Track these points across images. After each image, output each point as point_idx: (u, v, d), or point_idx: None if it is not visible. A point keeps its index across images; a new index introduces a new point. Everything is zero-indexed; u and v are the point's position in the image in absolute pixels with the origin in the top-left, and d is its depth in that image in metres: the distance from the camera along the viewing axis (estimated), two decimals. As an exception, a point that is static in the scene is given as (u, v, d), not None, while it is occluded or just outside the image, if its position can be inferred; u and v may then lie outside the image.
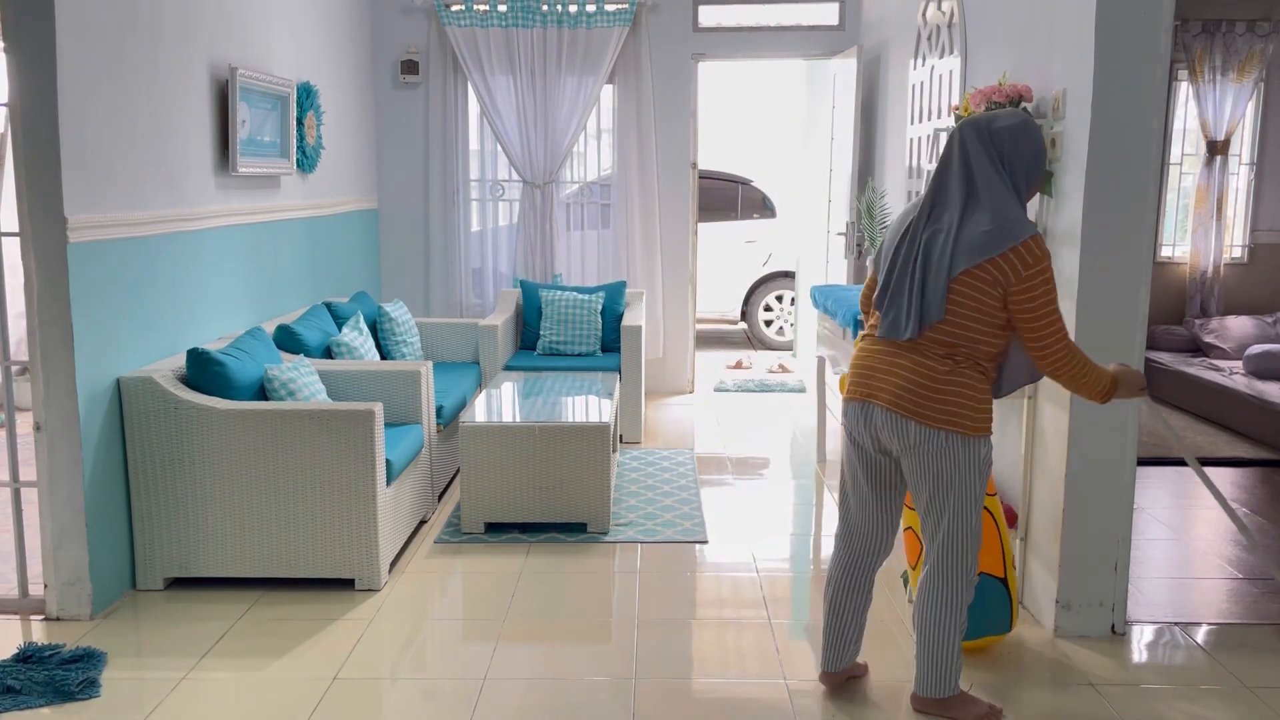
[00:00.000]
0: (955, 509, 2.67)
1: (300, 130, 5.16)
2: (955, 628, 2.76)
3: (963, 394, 2.60)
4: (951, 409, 2.60)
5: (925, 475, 2.67)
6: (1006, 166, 2.60)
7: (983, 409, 2.64)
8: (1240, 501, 4.76)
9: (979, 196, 2.58)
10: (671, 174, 6.78)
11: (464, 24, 6.50)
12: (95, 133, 3.41)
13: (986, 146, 2.60)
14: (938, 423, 2.60)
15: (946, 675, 2.77)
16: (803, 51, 6.85)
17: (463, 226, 6.84)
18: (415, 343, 5.43)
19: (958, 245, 2.55)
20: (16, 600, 3.52)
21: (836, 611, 2.93)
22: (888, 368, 2.67)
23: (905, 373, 2.63)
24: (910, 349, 2.64)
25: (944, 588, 2.74)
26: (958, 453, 2.62)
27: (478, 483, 4.24)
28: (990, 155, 2.60)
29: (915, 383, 2.61)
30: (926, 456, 2.64)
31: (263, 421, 3.57)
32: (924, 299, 2.59)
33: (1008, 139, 2.60)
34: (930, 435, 2.61)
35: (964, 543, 2.71)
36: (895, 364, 2.66)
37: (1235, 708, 2.92)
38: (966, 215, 2.57)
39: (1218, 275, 7.09)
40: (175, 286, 3.94)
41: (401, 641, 3.34)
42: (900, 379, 2.63)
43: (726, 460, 5.44)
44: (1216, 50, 6.87)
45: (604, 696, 2.98)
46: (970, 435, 2.62)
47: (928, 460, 2.64)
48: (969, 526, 2.70)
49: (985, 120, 2.64)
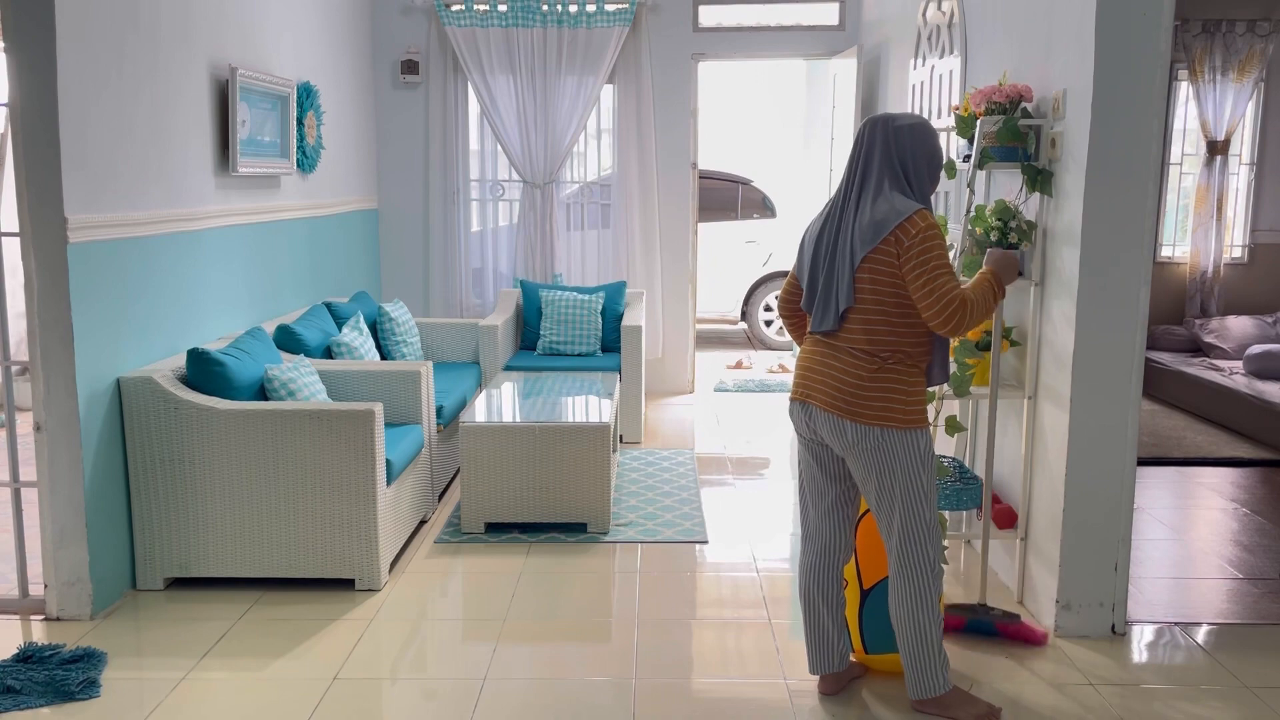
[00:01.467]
0: (904, 503, 2.72)
1: (300, 130, 5.16)
2: (931, 623, 2.77)
3: (893, 390, 2.68)
4: (882, 405, 2.67)
5: (869, 472, 2.73)
6: (905, 163, 2.71)
7: (914, 402, 2.71)
8: (1240, 502, 4.76)
9: (882, 188, 2.68)
10: (671, 174, 6.78)
11: (464, 24, 6.50)
12: (95, 133, 3.41)
13: (889, 143, 2.70)
14: (871, 420, 2.67)
15: (933, 672, 2.78)
16: (803, 51, 6.85)
17: (463, 226, 6.84)
18: (415, 343, 5.43)
19: (855, 234, 2.67)
20: (16, 600, 3.52)
21: (812, 613, 2.96)
22: (823, 369, 2.76)
23: (838, 374, 2.72)
24: (842, 350, 2.72)
25: (909, 584, 2.76)
26: (894, 447, 2.68)
27: (478, 483, 4.24)
28: (890, 151, 2.70)
29: (846, 383, 2.70)
30: (866, 454, 2.71)
31: (263, 421, 3.57)
32: (835, 289, 2.70)
33: (908, 137, 2.71)
34: (866, 432, 2.68)
35: (920, 536, 2.74)
36: (829, 365, 2.75)
37: (1235, 708, 2.92)
38: (863, 206, 2.69)
39: (1218, 275, 7.09)
40: (175, 286, 3.94)
41: (401, 641, 3.34)
42: (834, 380, 2.72)
43: (726, 460, 5.44)
44: (1216, 50, 6.87)
45: (604, 696, 2.98)
46: (905, 429, 2.68)
47: (868, 457, 2.71)
48: (922, 519, 2.74)
49: (888, 119, 2.74)
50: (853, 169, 2.75)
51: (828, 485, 2.89)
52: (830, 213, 2.76)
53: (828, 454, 2.85)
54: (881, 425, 2.66)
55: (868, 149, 2.72)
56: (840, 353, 2.72)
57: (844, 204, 2.73)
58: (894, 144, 2.70)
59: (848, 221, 2.69)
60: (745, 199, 9.26)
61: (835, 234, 2.72)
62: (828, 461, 2.87)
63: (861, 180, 2.71)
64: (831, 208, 2.77)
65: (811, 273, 2.77)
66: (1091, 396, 3.23)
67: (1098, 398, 3.23)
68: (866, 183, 2.70)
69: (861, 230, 2.65)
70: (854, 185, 2.73)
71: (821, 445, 2.84)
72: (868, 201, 2.68)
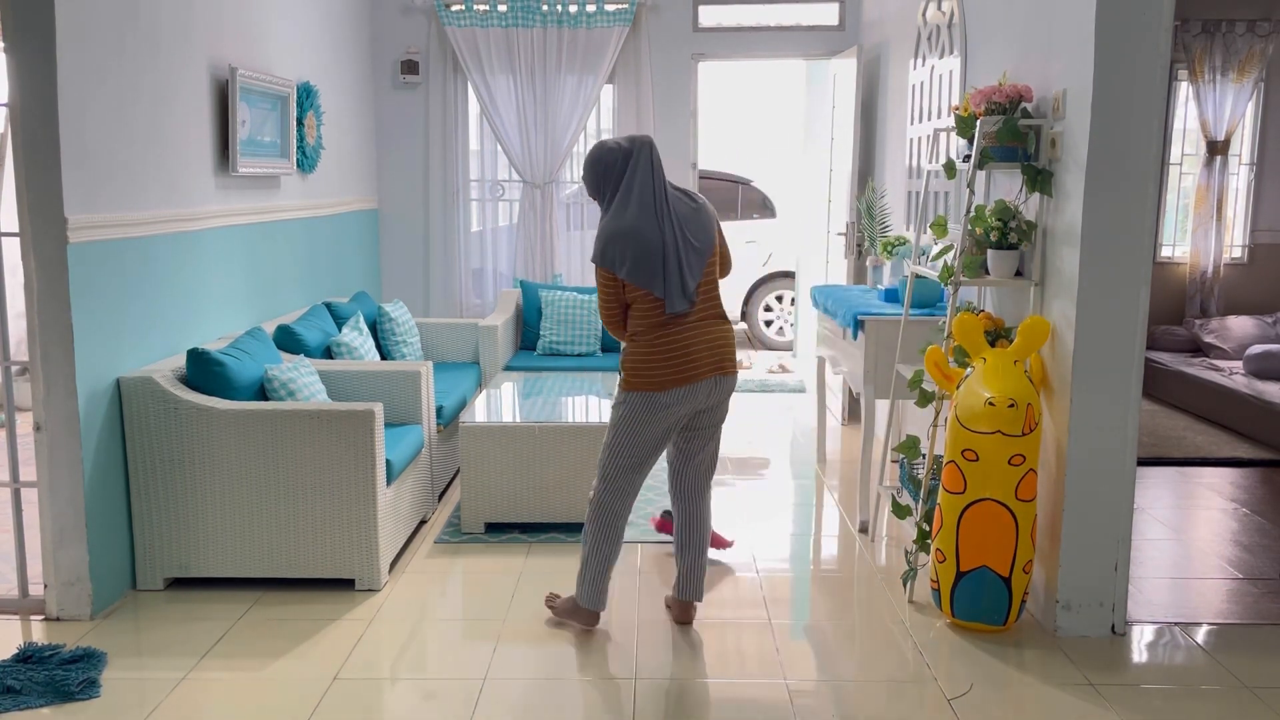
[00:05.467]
0: (719, 436, 3.43)
1: (300, 130, 5.16)
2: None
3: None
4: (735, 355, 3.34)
5: (722, 416, 3.38)
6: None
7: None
8: (1240, 502, 4.76)
9: (674, 192, 3.25)
10: (671, 174, 6.75)
11: (464, 24, 6.50)
12: (95, 133, 3.41)
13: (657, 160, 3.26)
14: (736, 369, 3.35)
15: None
16: (803, 51, 6.85)
17: (463, 226, 6.84)
18: (415, 343, 5.43)
19: (696, 227, 3.20)
20: (16, 600, 3.52)
21: (616, 557, 3.38)
22: (717, 341, 3.25)
23: (726, 338, 3.28)
24: (715, 318, 3.26)
25: (709, 505, 3.45)
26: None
27: (478, 483, 4.24)
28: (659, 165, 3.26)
29: (730, 344, 3.30)
30: (728, 399, 3.36)
31: (263, 421, 3.57)
32: (687, 276, 3.16)
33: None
34: (734, 382, 3.34)
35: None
36: (714, 334, 3.25)
37: (1235, 708, 2.92)
38: (678, 208, 3.21)
39: (1218, 275, 7.09)
40: (175, 286, 3.94)
41: (401, 641, 3.34)
42: (727, 345, 3.28)
43: (726, 460, 5.44)
44: (1216, 50, 6.87)
45: (604, 696, 2.98)
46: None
47: (727, 403, 3.37)
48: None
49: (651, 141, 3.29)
50: (650, 181, 3.19)
51: (657, 453, 3.32)
52: (660, 223, 3.15)
53: (682, 421, 3.28)
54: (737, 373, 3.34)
55: (658, 164, 3.23)
56: (715, 320, 3.25)
57: (666, 213, 3.17)
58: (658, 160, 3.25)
59: (678, 222, 3.18)
60: (745, 199, 9.26)
61: (674, 238, 3.15)
62: (678, 426, 3.30)
63: (663, 188, 3.20)
64: (659, 220, 3.15)
65: (666, 268, 3.13)
66: (1091, 396, 3.23)
67: (1098, 398, 3.23)
68: (666, 189, 3.21)
69: (698, 224, 3.21)
70: (662, 192, 3.19)
71: (690, 414, 3.26)
72: (680, 203, 3.22)
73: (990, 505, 3.22)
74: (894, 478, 4.46)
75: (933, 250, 3.86)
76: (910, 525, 3.74)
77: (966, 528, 3.26)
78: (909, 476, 3.96)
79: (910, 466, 3.97)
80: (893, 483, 4.28)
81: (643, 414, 3.20)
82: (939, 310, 4.21)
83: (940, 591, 3.39)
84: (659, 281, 3.13)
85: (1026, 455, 3.21)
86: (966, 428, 3.25)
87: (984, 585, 3.27)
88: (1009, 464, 3.20)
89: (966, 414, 3.25)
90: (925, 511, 3.57)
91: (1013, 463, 3.20)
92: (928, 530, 3.54)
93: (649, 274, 3.12)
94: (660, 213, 3.16)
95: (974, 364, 3.35)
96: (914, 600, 3.59)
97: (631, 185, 3.18)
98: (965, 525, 3.27)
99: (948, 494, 3.32)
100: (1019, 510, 3.22)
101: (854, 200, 6.04)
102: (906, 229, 5.21)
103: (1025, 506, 3.23)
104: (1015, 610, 3.30)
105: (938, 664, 3.16)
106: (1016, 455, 3.19)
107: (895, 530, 4.30)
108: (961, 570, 3.30)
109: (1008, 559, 3.23)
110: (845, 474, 5.14)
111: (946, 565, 3.34)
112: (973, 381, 3.29)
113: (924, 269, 3.93)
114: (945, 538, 3.33)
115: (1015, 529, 3.22)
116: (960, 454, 3.27)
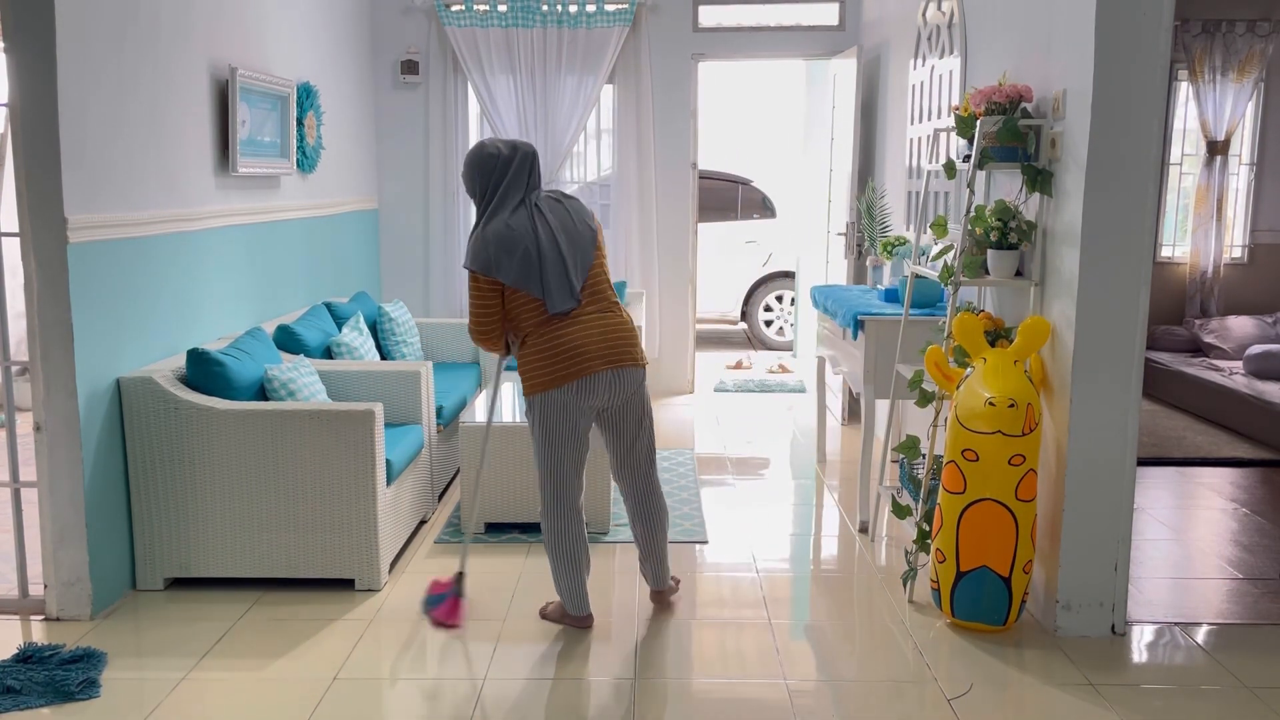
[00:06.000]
0: (650, 426, 3.40)
1: (300, 130, 5.16)
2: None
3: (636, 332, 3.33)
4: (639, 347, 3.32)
5: (640, 409, 3.35)
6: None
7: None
8: (1240, 502, 4.76)
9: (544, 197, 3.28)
10: (671, 174, 6.78)
11: (464, 24, 6.50)
12: (95, 133, 3.41)
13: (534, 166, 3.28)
14: (644, 361, 3.33)
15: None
16: (803, 51, 6.85)
17: (463, 227, 6.84)
18: (415, 343, 5.43)
19: (571, 223, 3.22)
20: (16, 600, 3.52)
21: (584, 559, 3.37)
22: (610, 333, 3.21)
23: (620, 329, 3.24)
24: (606, 310, 3.23)
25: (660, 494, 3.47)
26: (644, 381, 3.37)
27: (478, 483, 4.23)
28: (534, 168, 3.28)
29: (627, 335, 3.26)
30: (641, 392, 3.34)
31: (263, 421, 3.57)
32: (571, 274, 3.18)
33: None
34: (644, 373, 3.34)
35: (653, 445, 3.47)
36: (606, 326, 3.22)
37: (1235, 708, 2.92)
38: (551, 209, 3.23)
39: (1218, 275, 7.09)
40: (175, 286, 3.94)
41: (401, 641, 3.34)
42: (623, 337, 3.24)
43: (726, 460, 5.44)
44: (1216, 50, 6.87)
45: (604, 696, 2.98)
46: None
47: (641, 394, 3.34)
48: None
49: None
50: (523, 185, 3.21)
51: (583, 447, 3.30)
52: (532, 226, 3.17)
53: (591, 415, 3.28)
54: (644, 364, 3.31)
55: (536, 173, 3.25)
56: (608, 310, 3.24)
57: (542, 217, 3.19)
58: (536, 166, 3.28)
59: (554, 222, 3.19)
60: (745, 199, 9.26)
61: (553, 238, 3.17)
62: (587, 424, 3.28)
63: (536, 192, 3.24)
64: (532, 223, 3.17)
65: (543, 267, 3.15)
66: (1091, 396, 3.23)
67: (1098, 398, 3.23)
68: (539, 193, 3.25)
69: (579, 220, 3.24)
70: (534, 195, 3.23)
71: (596, 409, 3.26)
72: (553, 206, 3.24)
73: (990, 505, 3.23)
74: (894, 478, 4.46)
75: (933, 250, 3.86)
76: (910, 525, 3.74)
77: (966, 528, 3.27)
78: (909, 476, 3.96)
79: (910, 466, 3.98)
80: (893, 483, 4.28)
81: (547, 416, 3.21)
82: (939, 310, 4.21)
83: (940, 591, 3.39)
84: (536, 282, 3.14)
85: (1026, 455, 3.21)
86: (966, 428, 3.25)
87: (984, 585, 3.27)
88: (1009, 464, 3.20)
89: (966, 414, 3.25)
90: (925, 511, 3.57)
91: (1013, 463, 3.20)
92: (928, 530, 3.54)
93: (526, 275, 3.14)
94: (533, 214, 3.19)
95: (974, 364, 3.35)
96: (914, 600, 3.59)
97: (508, 190, 3.19)
98: (965, 525, 3.27)
99: (948, 494, 3.32)
100: (1019, 510, 3.22)
101: (854, 200, 6.04)
102: (906, 229, 5.21)
103: (1025, 506, 3.23)
104: (1015, 610, 3.30)
105: (938, 664, 3.16)
106: (1016, 455, 3.20)
107: (895, 530, 4.30)
108: (961, 570, 3.30)
109: (1008, 559, 3.24)
110: (845, 474, 5.14)
111: (946, 565, 3.34)
112: (973, 381, 3.29)
113: (924, 269, 3.93)
114: (945, 538, 3.33)
115: (1015, 529, 3.22)
116: (960, 454, 3.27)
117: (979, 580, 3.28)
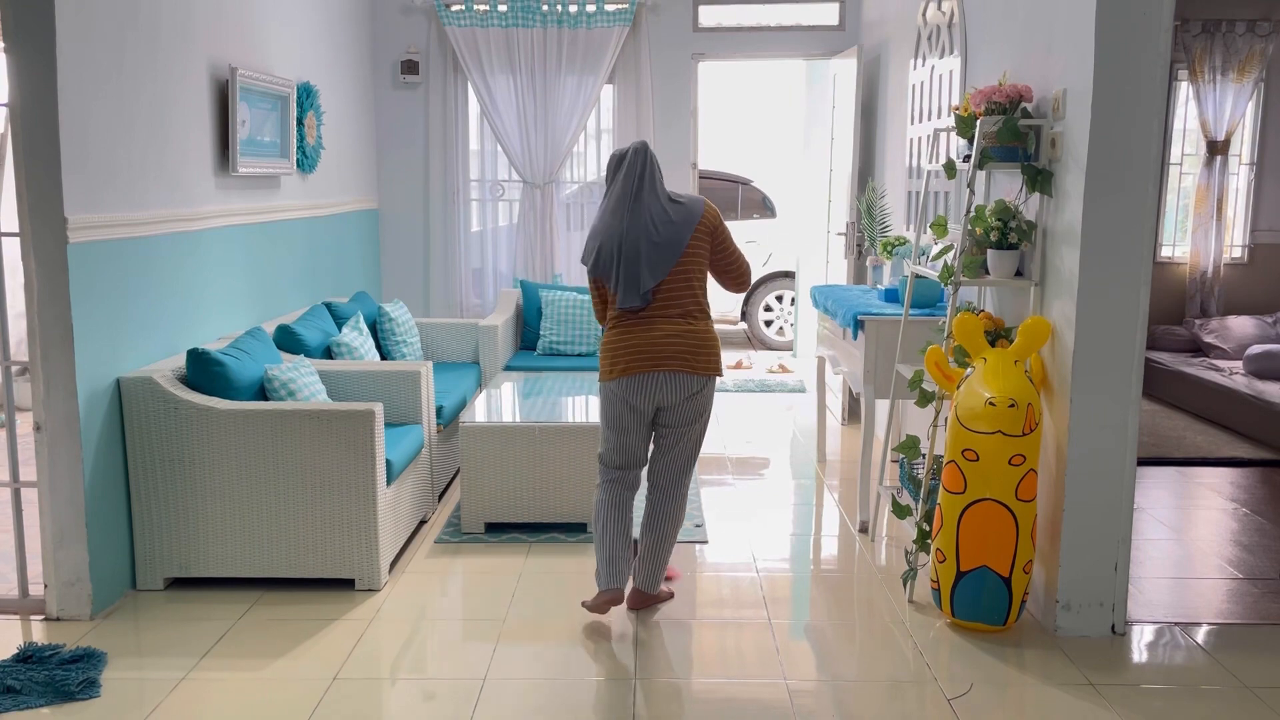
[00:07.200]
0: (697, 437, 3.44)
1: (300, 130, 5.16)
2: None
3: (717, 342, 3.37)
4: (717, 357, 3.35)
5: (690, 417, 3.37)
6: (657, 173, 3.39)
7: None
8: (1240, 502, 4.76)
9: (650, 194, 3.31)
10: (671, 174, 6.76)
11: (464, 24, 6.50)
12: (95, 133, 3.41)
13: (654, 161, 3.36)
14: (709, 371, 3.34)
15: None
16: (803, 51, 6.85)
17: (463, 226, 6.84)
18: (415, 343, 5.43)
19: (667, 227, 3.26)
20: (16, 600, 3.52)
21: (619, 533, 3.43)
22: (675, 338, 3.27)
23: (687, 337, 3.28)
24: (678, 317, 3.28)
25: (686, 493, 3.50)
26: (712, 390, 3.41)
27: (478, 483, 4.24)
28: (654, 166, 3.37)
29: (693, 344, 3.28)
30: (701, 398, 3.36)
31: (263, 421, 3.57)
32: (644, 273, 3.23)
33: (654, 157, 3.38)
34: (706, 382, 3.35)
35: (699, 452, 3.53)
36: (672, 331, 3.27)
37: (1235, 708, 2.92)
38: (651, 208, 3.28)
39: (1218, 275, 7.09)
40: (175, 286, 3.94)
41: (401, 641, 3.34)
42: (689, 344, 3.27)
43: (726, 460, 5.44)
44: (1216, 50, 6.87)
45: (604, 696, 2.98)
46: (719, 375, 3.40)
47: (695, 404, 3.35)
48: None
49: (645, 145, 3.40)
50: (632, 181, 3.29)
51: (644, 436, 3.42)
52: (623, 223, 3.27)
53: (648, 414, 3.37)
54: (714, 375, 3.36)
55: (647, 167, 3.31)
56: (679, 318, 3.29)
57: (629, 206, 3.28)
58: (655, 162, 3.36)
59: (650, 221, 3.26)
60: (745, 199, 9.26)
61: (642, 236, 3.25)
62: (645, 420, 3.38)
63: (638, 188, 3.29)
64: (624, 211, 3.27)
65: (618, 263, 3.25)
66: (1091, 396, 3.23)
67: (1098, 398, 3.23)
68: (643, 189, 3.29)
69: (675, 228, 3.28)
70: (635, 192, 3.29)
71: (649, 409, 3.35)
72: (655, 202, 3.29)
73: (990, 505, 3.23)
74: (894, 478, 4.46)
75: (933, 250, 3.86)
76: (910, 525, 3.74)
77: (966, 528, 3.27)
78: (909, 476, 3.96)
79: (910, 466, 3.98)
80: (893, 483, 4.28)
81: (603, 401, 3.40)
82: (939, 310, 4.21)
83: (940, 591, 3.39)
84: (612, 276, 3.29)
85: (1027, 455, 3.21)
86: (967, 428, 3.25)
87: (984, 585, 3.27)
88: (1009, 464, 3.20)
89: (967, 414, 3.26)
90: (925, 511, 3.57)
91: (1013, 463, 3.20)
92: (928, 530, 3.54)
93: (605, 269, 3.30)
94: (628, 209, 3.27)
95: (974, 364, 3.35)
96: (914, 600, 3.59)
97: (622, 186, 3.32)
98: (965, 525, 3.27)
99: (948, 494, 3.32)
100: (1019, 510, 3.22)
101: (854, 200, 6.04)
102: (906, 229, 5.21)
103: (1025, 506, 3.23)
104: (1015, 610, 3.30)
105: (938, 664, 3.16)
106: (1017, 455, 3.20)
107: (895, 530, 4.30)
108: (961, 570, 3.30)
109: (1008, 559, 3.24)
110: (845, 474, 5.14)
111: (946, 565, 3.34)
112: (973, 381, 3.29)
113: (924, 269, 3.93)
114: (945, 538, 3.33)
115: (1015, 529, 3.22)
116: (960, 454, 3.27)
117: (979, 580, 3.28)
